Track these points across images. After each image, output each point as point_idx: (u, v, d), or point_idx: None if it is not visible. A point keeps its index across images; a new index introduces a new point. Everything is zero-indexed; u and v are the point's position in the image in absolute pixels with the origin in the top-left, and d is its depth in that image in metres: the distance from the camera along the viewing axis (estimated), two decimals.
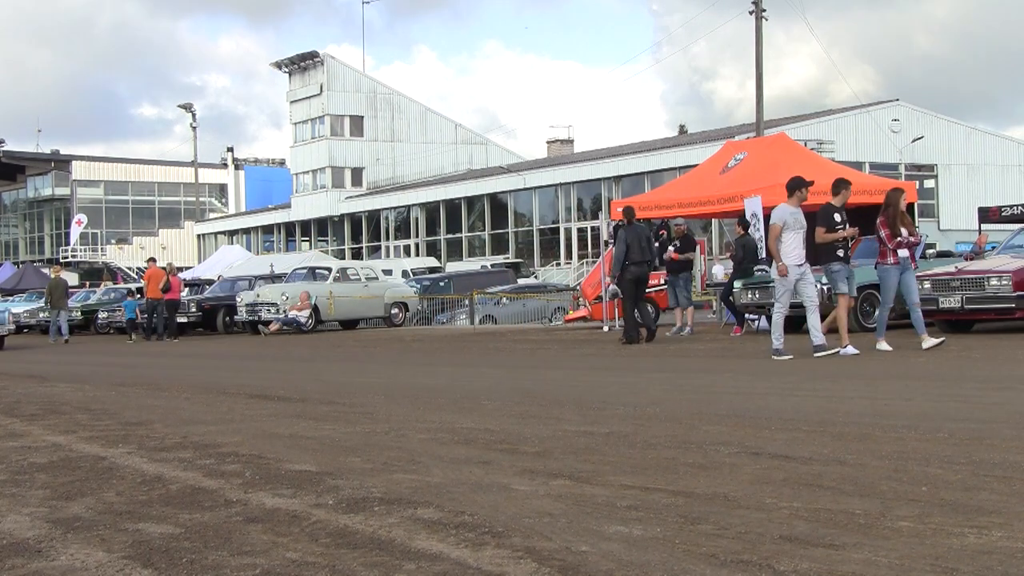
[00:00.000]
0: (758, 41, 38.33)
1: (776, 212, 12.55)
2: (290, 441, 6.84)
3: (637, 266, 16.79)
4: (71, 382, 13.33)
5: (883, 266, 12.86)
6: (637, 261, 16.76)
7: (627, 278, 16.80)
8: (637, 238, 16.87)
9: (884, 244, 12.77)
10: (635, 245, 16.77)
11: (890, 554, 3.56)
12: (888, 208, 12.87)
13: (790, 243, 12.46)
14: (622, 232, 17.03)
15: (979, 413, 6.91)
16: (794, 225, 12.45)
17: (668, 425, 6.89)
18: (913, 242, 12.86)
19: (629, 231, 16.97)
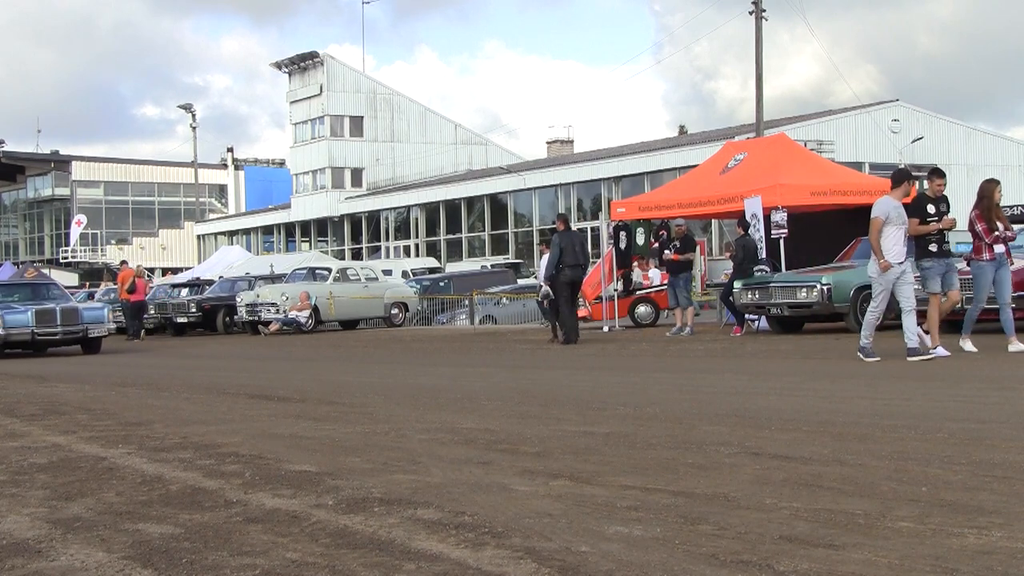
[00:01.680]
0: (758, 41, 38.33)
1: (878, 205, 11.74)
2: (290, 441, 6.84)
3: (572, 269, 17.57)
4: (71, 382, 13.33)
5: (977, 262, 12.11)
6: (571, 264, 17.56)
7: (562, 280, 17.56)
8: (572, 243, 17.73)
9: (980, 239, 11.98)
10: (569, 250, 17.56)
11: (890, 554, 3.56)
12: (982, 200, 12.08)
13: (891, 238, 11.62)
14: (556, 237, 17.86)
15: (979, 413, 6.91)
16: (896, 220, 11.63)
17: (668, 425, 6.89)
18: (1010, 237, 12.09)
19: (564, 236, 17.78)
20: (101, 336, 21.82)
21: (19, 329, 20.71)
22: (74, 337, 21.39)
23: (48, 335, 21.11)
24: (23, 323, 20.83)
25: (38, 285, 24.82)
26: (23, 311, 20.90)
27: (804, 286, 16.19)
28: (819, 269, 16.84)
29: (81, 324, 21.27)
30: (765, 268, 17.32)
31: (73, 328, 21.19)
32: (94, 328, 21.46)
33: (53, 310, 21.15)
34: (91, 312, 21.87)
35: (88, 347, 21.85)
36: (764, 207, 17.99)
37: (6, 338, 20.67)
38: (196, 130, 62.96)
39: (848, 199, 19.32)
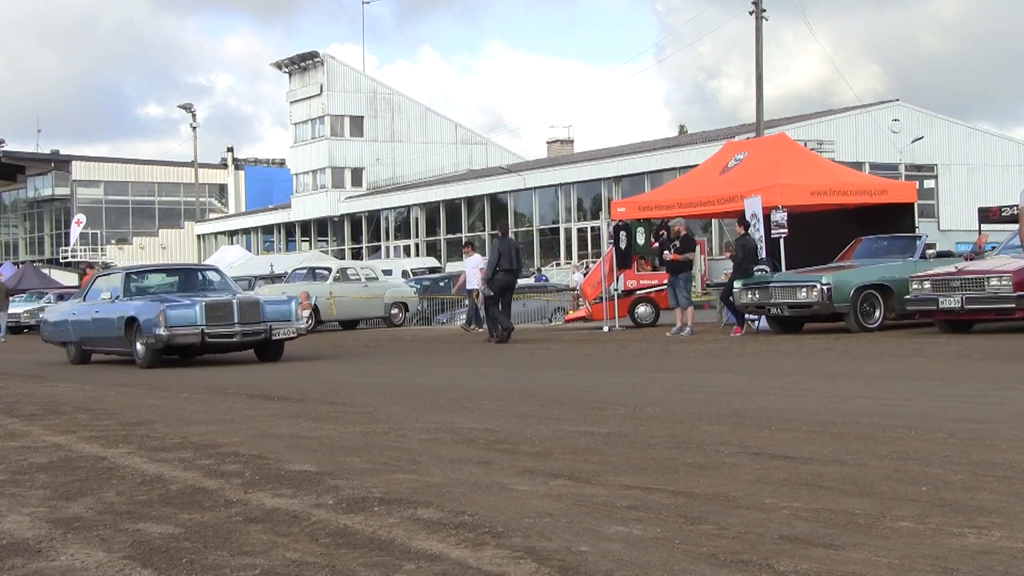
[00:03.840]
0: (758, 41, 38.32)
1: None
2: (290, 441, 6.84)
3: (505, 273, 18.84)
4: (71, 382, 13.33)
5: None
6: (506, 269, 18.84)
7: (496, 283, 18.74)
8: (508, 249, 19.02)
9: None
10: (506, 255, 18.86)
11: (890, 554, 3.56)
12: None
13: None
14: (496, 242, 19.37)
15: (979, 413, 6.91)
16: None
17: (668, 425, 6.89)
18: None
19: (502, 242, 19.21)
20: (287, 338, 16.33)
21: (186, 329, 15.37)
22: (254, 339, 16.02)
23: (223, 336, 15.70)
24: (190, 320, 15.45)
25: (190, 270, 19.65)
26: (189, 304, 15.57)
27: (804, 286, 16.19)
28: (819, 269, 16.84)
29: (263, 322, 15.83)
30: (765, 268, 17.31)
31: (254, 327, 15.79)
32: (279, 327, 15.94)
33: (228, 303, 15.79)
34: (275, 306, 16.27)
35: (266, 352, 16.43)
36: (764, 207, 17.99)
37: (169, 340, 15.31)
38: (196, 130, 63.00)
39: (848, 199, 19.32)
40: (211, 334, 15.53)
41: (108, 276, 18.36)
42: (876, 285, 16.21)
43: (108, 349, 17.28)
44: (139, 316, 15.61)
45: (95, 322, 17.03)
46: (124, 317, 15.98)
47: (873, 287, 16.19)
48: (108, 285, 17.44)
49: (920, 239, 17.56)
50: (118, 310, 16.29)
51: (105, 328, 16.67)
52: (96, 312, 17.05)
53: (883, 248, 17.46)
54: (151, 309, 15.47)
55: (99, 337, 17.10)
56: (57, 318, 18.92)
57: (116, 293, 16.67)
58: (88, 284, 18.90)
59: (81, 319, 17.55)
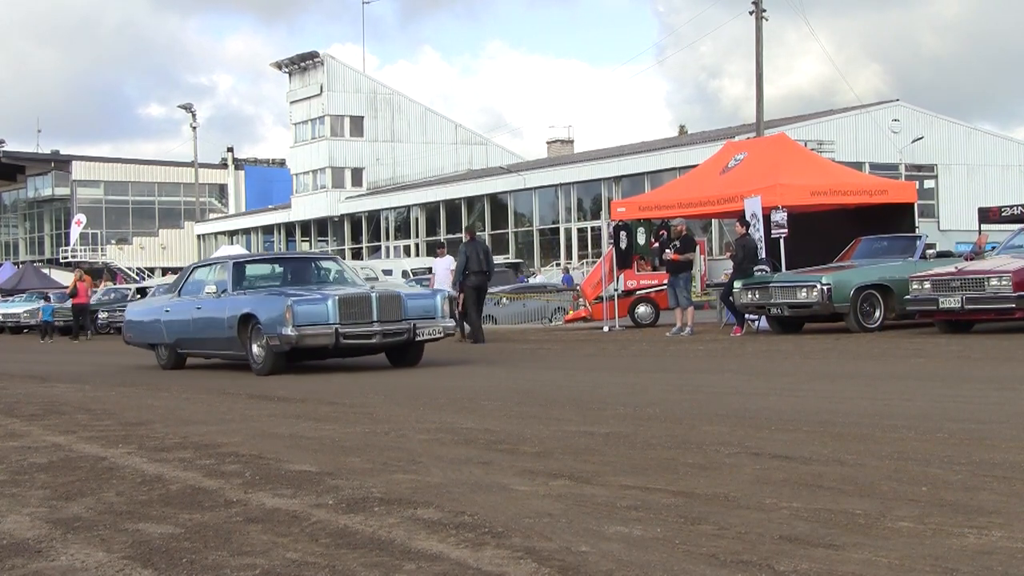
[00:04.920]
0: (758, 41, 38.33)
1: None
2: (290, 441, 6.84)
3: (476, 276, 19.19)
4: (71, 382, 13.33)
5: None
6: (476, 271, 19.19)
7: (467, 286, 19.07)
8: (476, 252, 19.42)
9: None
10: (474, 258, 19.21)
11: (890, 554, 3.56)
12: None
13: None
14: (463, 246, 19.53)
15: (979, 413, 6.91)
16: None
17: (668, 425, 6.89)
18: None
19: (470, 246, 19.45)
20: (432, 339, 13.68)
21: (317, 328, 12.75)
22: (396, 340, 13.29)
23: (360, 337, 12.98)
24: (322, 317, 12.81)
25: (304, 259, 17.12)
26: (320, 299, 12.97)
27: (804, 286, 16.19)
28: (819, 269, 16.84)
29: (406, 320, 13.20)
30: (765, 268, 17.31)
31: (396, 327, 13.12)
32: (424, 326, 13.31)
33: (366, 298, 13.11)
34: (418, 301, 13.61)
35: (403, 356, 13.84)
36: (764, 207, 17.99)
37: (298, 341, 12.67)
38: (196, 130, 63.07)
39: (848, 199, 19.32)
40: (347, 334, 12.81)
41: (207, 266, 15.80)
42: (876, 285, 16.21)
43: (212, 352, 14.84)
44: (258, 313, 13.03)
45: (197, 321, 14.48)
46: (237, 315, 13.35)
47: (873, 287, 16.19)
48: (212, 277, 14.90)
49: (920, 239, 17.56)
50: (228, 306, 13.71)
51: (211, 328, 14.15)
52: (198, 309, 14.44)
53: (883, 248, 17.46)
54: (274, 305, 12.92)
55: (202, 338, 14.57)
56: (145, 317, 16.41)
57: (224, 286, 14.10)
58: (182, 276, 16.20)
59: (178, 318, 15.01)
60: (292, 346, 12.72)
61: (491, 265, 19.94)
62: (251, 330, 13.21)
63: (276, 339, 12.74)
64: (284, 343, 12.71)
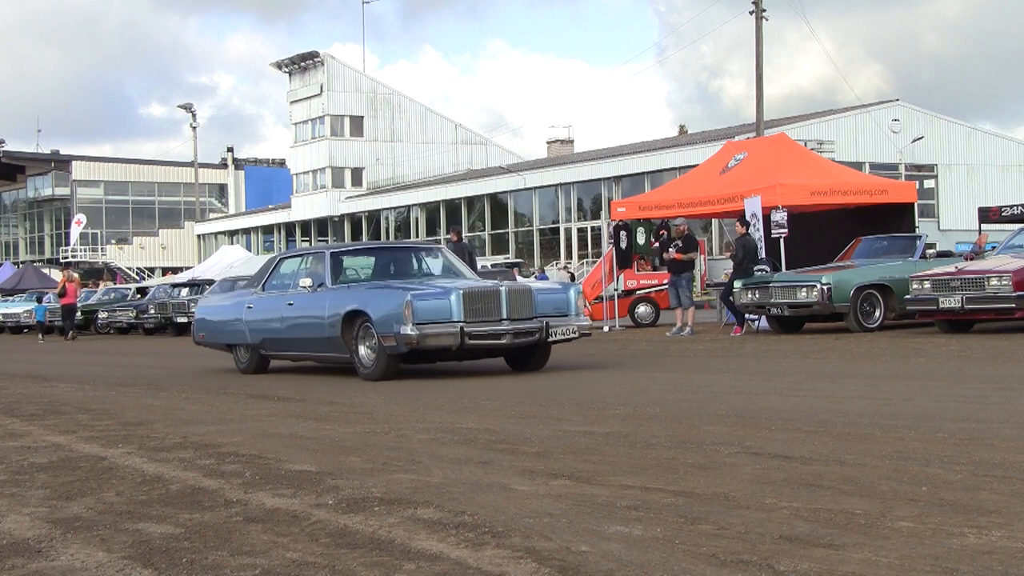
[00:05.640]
0: (758, 41, 38.34)
1: None
2: (290, 441, 6.84)
3: None
4: (71, 382, 13.33)
5: None
6: None
7: None
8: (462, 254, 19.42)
9: None
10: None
11: (890, 554, 3.56)
12: None
13: None
14: (450, 246, 19.75)
15: (979, 413, 6.91)
16: None
17: (668, 425, 6.89)
18: None
19: (456, 247, 19.57)
20: (565, 339, 11.93)
21: (440, 327, 11.18)
22: (527, 340, 11.62)
23: (488, 337, 11.37)
24: (444, 314, 11.26)
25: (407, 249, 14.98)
26: (442, 293, 11.46)
27: (804, 286, 16.19)
28: (819, 269, 16.84)
29: (537, 317, 11.63)
30: (765, 268, 17.32)
31: (527, 325, 11.52)
32: (557, 325, 11.70)
33: (494, 292, 11.57)
34: (549, 296, 11.99)
35: (526, 359, 12.16)
36: (764, 207, 17.99)
37: (419, 341, 11.07)
38: (196, 130, 63.21)
39: (848, 199, 19.33)
40: (473, 333, 11.22)
41: (296, 258, 14.21)
42: (876, 285, 16.21)
43: (306, 355, 13.35)
44: (369, 310, 11.50)
45: (288, 319, 12.89)
46: (341, 312, 11.81)
47: (873, 287, 16.19)
48: (304, 269, 13.37)
49: (920, 239, 17.56)
50: (329, 302, 12.16)
51: (306, 327, 12.60)
52: (290, 305, 12.87)
53: (883, 248, 17.47)
54: (390, 300, 11.40)
55: (294, 339, 12.97)
56: (222, 315, 14.68)
57: (320, 280, 12.58)
58: (265, 269, 14.32)
59: (264, 316, 13.40)
60: (412, 347, 11.10)
61: (475, 267, 19.78)
62: (358, 329, 11.71)
63: (392, 339, 11.16)
64: (402, 344, 11.09)
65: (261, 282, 13.97)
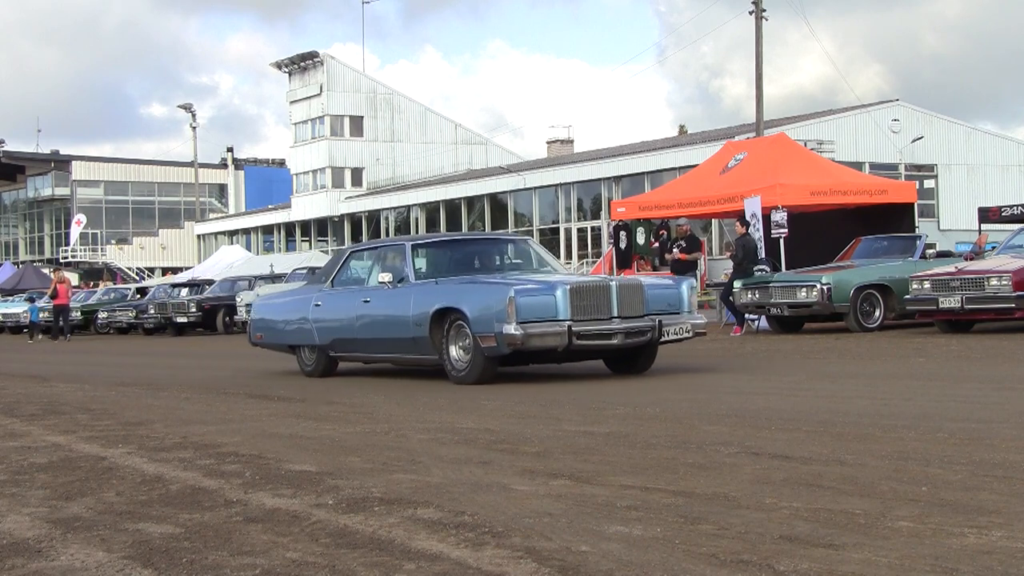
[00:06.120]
0: (758, 42, 38.35)
1: None
2: (290, 441, 6.85)
3: None
4: (71, 382, 13.33)
5: None
6: None
7: None
8: None
9: None
10: None
11: (890, 554, 3.56)
12: None
13: None
14: None
15: (979, 413, 6.91)
16: None
17: (668, 425, 6.89)
18: None
19: None
20: (679, 339, 10.85)
21: (545, 325, 10.08)
22: (639, 341, 10.53)
23: (597, 336, 10.24)
24: (549, 312, 10.14)
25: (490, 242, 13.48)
26: (546, 288, 10.33)
27: (804, 286, 16.19)
28: (819, 269, 16.84)
29: (649, 316, 10.50)
30: (765, 268, 17.32)
31: (639, 324, 10.42)
32: (670, 323, 10.59)
33: (604, 287, 10.48)
34: (660, 291, 10.83)
35: (632, 361, 11.09)
36: (764, 207, 18.00)
37: (524, 342, 9.95)
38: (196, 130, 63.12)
39: (848, 199, 19.34)
40: (581, 333, 10.11)
41: (369, 251, 12.84)
42: (876, 285, 16.22)
43: (385, 356, 12.16)
44: (464, 307, 10.42)
45: (365, 318, 11.78)
46: (430, 310, 10.74)
47: (873, 287, 16.19)
48: (380, 263, 12.15)
49: (920, 239, 17.58)
50: (415, 299, 11.09)
51: (387, 326, 11.49)
52: (366, 303, 11.76)
53: (883, 248, 17.48)
54: (490, 296, 10.35)
55: (371, 339, 11.81)
56: (284, 314, 13.36)
57: (401, 274, 11.49)
58: (334, 263, 13.12)
59: (334, 315, 12.27)
60: (516, 348, 10.00)
61: None
62: (449, 328, 10.64)
63: (492, 339, 10.07)
64: (504, 344, 9.99)
65: (330, 277, 12.77)
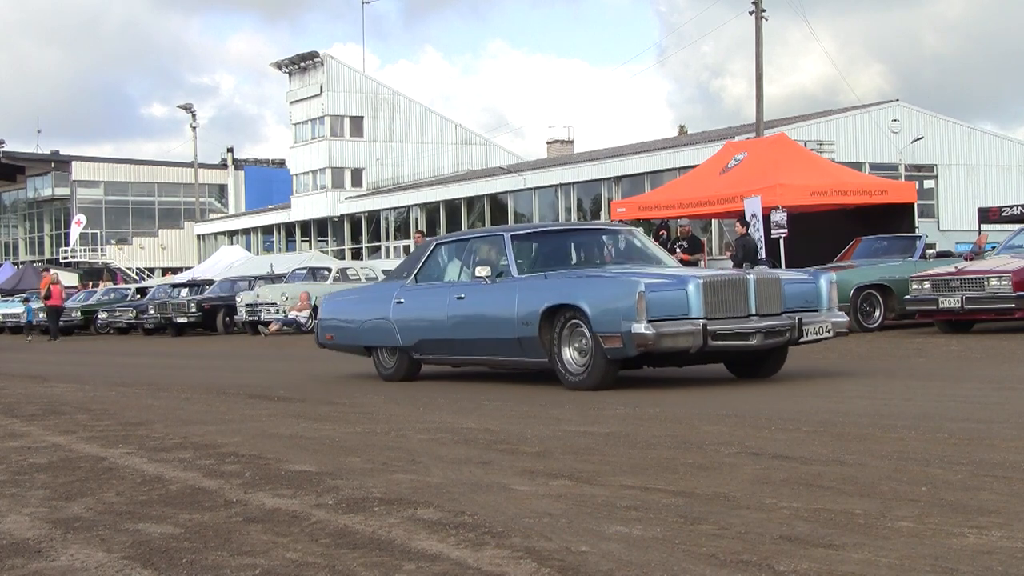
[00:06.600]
0: (758, 42, 38.35)
1: None
2: (290, 441, 6.84)
3: None
4: (71, 382, 13.33)
5: None
6: None
7: None
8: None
9: None
10: None
11: (890, 554, 3.56)
12: None
13: None
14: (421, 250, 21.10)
15: (979, 413, 6.91)
16: None
17: (668, 425, 6.89)
18: None
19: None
20: (819, 339, 9.75)
21: (677, 324, 8.92)
22: (778, 341, 9.49)
23: (734, 336, 9.12)
24: (681, 309, 8.99)
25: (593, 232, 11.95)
26: (676, 283, 9.17)
27: None
28: (819, 269, 16.83)
29: (787, 313, 9.45)
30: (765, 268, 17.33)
31: (778, 323, 9.34)
32: (810, 322, 9.52)
33: (741, 281, 9.36)
34: (798, 287, 9.82)
35: (759, 362, 10.05)
36: (764, 207, 18.00)
37: (656, 343, 8.80)
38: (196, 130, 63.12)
39: (848, 199, 19.36)
40: (717, 332, 8.97)
41: (459, 243, 11.63)
42: (876, 285, 16.22)
43: (482, 358, 10.88)
44: (583, 304, 9.24)
45: (457, 317, 10.66)
46: (540, 308, 9.62)
47: (873, 287, 16.20)
48: (472, 256, 10.94)
49: (920, 239, 17.59)
50: (521, 295, 9.96)
51: (487, 326, 10.36)
52: (459, 300, 10.64)
53: (883, 248, 17.49)
54: (613, 291, 9.18)
55: (467, 340, 10.65)
56: (359, 312, 12.17)
57: (501, 268, 10.42)
58: (417, 257, 11.93)
59: (421, 314, 11.15)
60: (646, 350, 8.88)
61: None
62: (561, 327, 9.49)
63: (617, 340, 8.93)
64: (632, 345, 8.86)
65: (412, 272, 11.59)
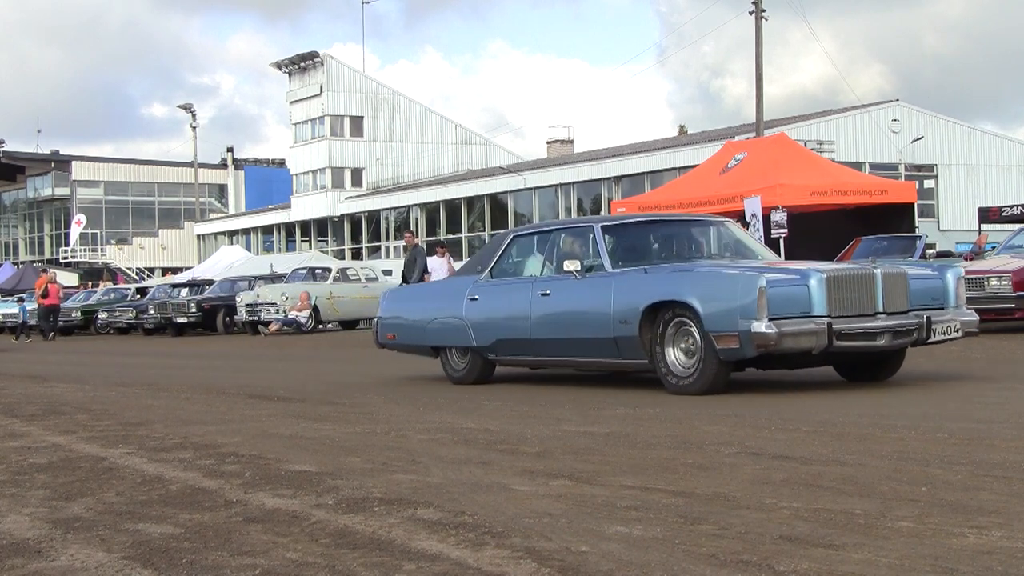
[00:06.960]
0: (758, 42, 38.35)
1: None
2: (290, 441, 6.84)
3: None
4: (71, 382, 13.33)
5: None
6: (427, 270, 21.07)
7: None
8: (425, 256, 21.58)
9: None
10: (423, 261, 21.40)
11: (890, 554, 3.56)
12: None
13: None
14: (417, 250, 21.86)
15: (979, 413, 6.91)
16: None
17: (668, 425, 6.89)
18: None
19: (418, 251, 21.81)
20: (948, 338, 8.85)
21: (799, 323, 8.12)
22: (905, 342, 8.64)
23: (861, 336, 8.31)
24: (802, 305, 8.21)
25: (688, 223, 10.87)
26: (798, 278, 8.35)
27: None
28: None
29: (914, 311, 8.65)
30: None
31: (905, 322, 8.53)
32: (938, 321, 8.69)
33: (867, 276, 8.49)
34: (924, 282, 8.92)
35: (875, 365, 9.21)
36: (764, 207, 18.00)
37: (778, 342, 8.01)
38: (196, 130, 63.12)
39: (848, 199, 19.35)
40: (842, 332, 8.17)
41: (540, 235, 10.73)
42: None
43: (573, 360, 10.02)
44: (693, 300, 8.43)
45: (542, 315, 9.84)
46: (641, 305, 8.81)
47: None
48: (557, 249, 10.18)
49: (920, 239, 17.59)
50: (617, 291, 9.15)
51: (578, 324, 9.54)
52: (545, 296, 9.82)
53: (883, 248, 17.47)
54: (728, 286, 8.35)
55: (555, 340, 9.81)
56: (425, 309, 11.34)
57: (592, 261, 9.66)
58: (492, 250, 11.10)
59: (499, 311, 10.32)
60: (767, 350, 8.10)
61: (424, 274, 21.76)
62: (665, 326, 8.72)
63: (734, 340, 8.16)
64: (751, 346, 8.09)
65: (488, 267, 10.77)
